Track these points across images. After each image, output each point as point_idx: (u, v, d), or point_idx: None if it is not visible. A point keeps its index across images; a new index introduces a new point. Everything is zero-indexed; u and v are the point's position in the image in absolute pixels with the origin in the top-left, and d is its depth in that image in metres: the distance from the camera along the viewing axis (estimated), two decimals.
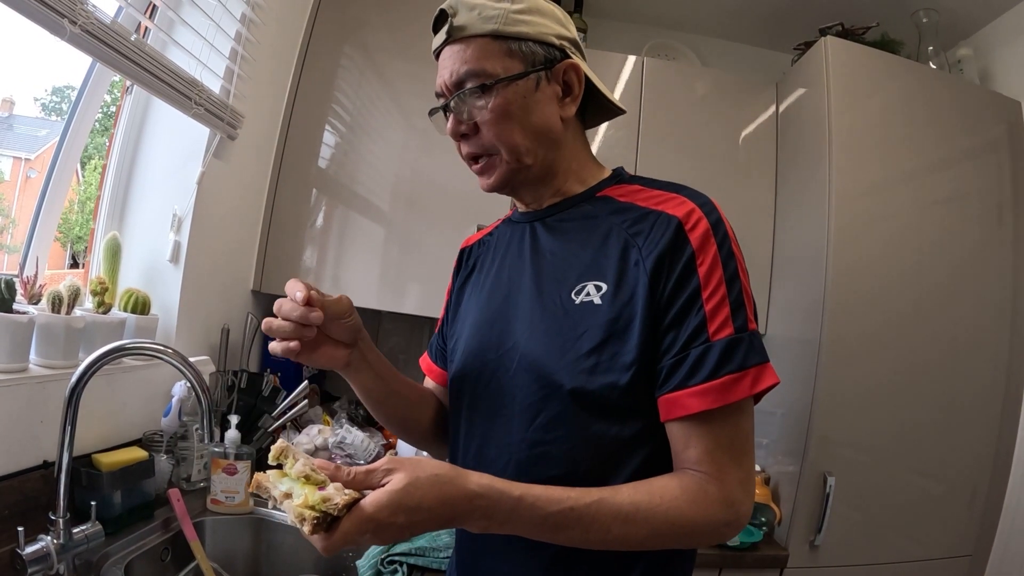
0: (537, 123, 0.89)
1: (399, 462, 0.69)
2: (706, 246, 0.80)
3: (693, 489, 0.76)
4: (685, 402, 0.77)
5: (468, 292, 1.08)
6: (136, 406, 1.56)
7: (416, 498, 0.66)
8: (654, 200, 0.87)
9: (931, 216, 2.01)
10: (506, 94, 0.86)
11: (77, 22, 1.18)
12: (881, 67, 2.05)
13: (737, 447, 0.79)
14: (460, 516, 0.69)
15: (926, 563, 1.97)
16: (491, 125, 0.88)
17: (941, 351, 1.99)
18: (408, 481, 0.66)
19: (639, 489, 0.75)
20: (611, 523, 0.73)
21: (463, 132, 0.91)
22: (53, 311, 1.31)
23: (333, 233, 2.14)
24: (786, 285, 2.14)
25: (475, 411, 0.94)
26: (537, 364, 0.85)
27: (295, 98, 2.15)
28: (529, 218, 0.99)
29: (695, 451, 0.77)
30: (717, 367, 0.76)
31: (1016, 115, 2.17)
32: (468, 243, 1.16)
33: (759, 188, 2.25)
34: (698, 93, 2.30)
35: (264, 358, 2.20)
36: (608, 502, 0.73)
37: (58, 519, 1.10)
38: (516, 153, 0.89)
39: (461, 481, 0.70)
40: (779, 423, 2.02)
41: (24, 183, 1.72)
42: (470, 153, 0.93)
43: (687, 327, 0.78)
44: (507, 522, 0.71)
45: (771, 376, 0.78)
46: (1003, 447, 2.07)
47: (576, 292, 0.86)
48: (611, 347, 0.81)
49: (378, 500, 0.65)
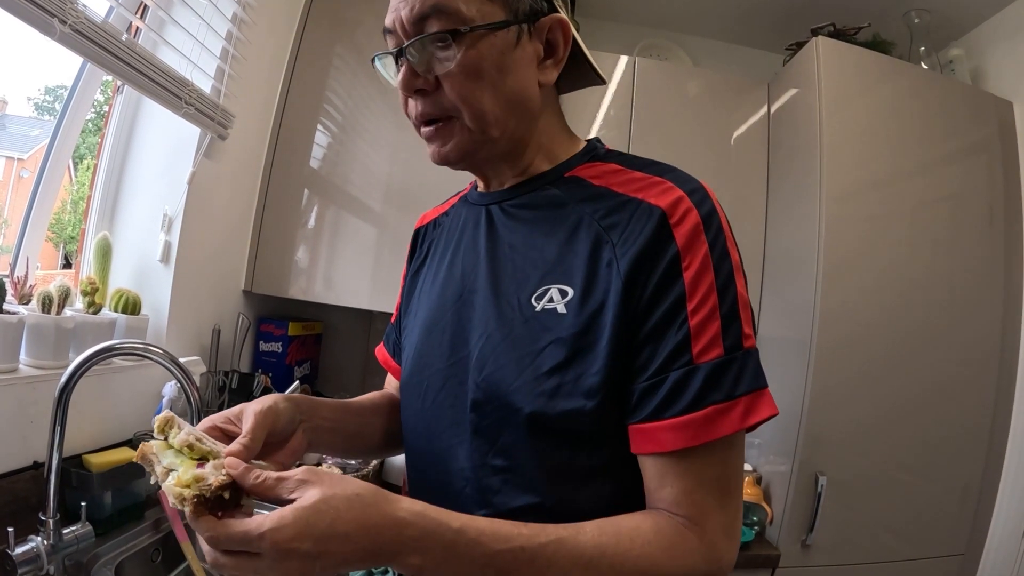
0: (512, 88, 0.73)
1: (317, 475, 0.58)
2: (695, 244, 0.66)
3: (668, 534, 0.63)
4: (659, 436, 0.64)
5: (420, 282, 0.94)
6: (126, 406, 1.55)
7: (328, 520, 0.54)
8: (634, 185, 0.73)
9: (922, 216, 2.02)
10: (480, 47, 0.70)
11: (67, 21, 1.18)
12: (873, 67, 2.05)
13: (722, 487, 0.66)
14: (385, 550, 0.57)
15: (918, 562, 1.98)
16: (457, 83, 0.71)
17: (933, 352, 1.99)
18: (321, 498, 0.55)
19: (605, 530, 0.63)
20: (570, 569, 0.60)
21: (419, 87, 0.73)
22: (43, 311, 1.30)
23: (325, 233, 2.14)
24: (777, 285, 2.15)
25: (425, 426, 0.81)
26: (492, 381, 0.72)
27: (287, 98, 2.14)
28: (486, 200, 0.85)
29: (671, 491, 0.65)
30: (700, 395, 0.63)
31: (1007, 115, 2.18)
32: (423, 222, 1.03)
33: (751, 188, 2.25)
34: (690, 93, 2.30)
35: (255, 358, 2.20)
36: (568, 543, 0.61)
37: (48, 520, 1.09)
38: (482, 121, 0.73)
39: (387, 506, 0.58)
40: (771, 423, 2.01)
41: (17, 183, 1.71)
42: (424, 114, 0.75)
43: (666, 344, 0.65)
44: (444, 561, 0.58)
45: (768, 406, 0.66)
46: (995, 446, 2.08)
47: (537, 297, 0.72)
48: (576, 367, 0.68)
49: (281, 517, 0.54)
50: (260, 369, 2.12)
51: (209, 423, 0.70)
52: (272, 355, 2.17)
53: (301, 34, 2.17)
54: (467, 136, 0.74)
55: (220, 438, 0.67)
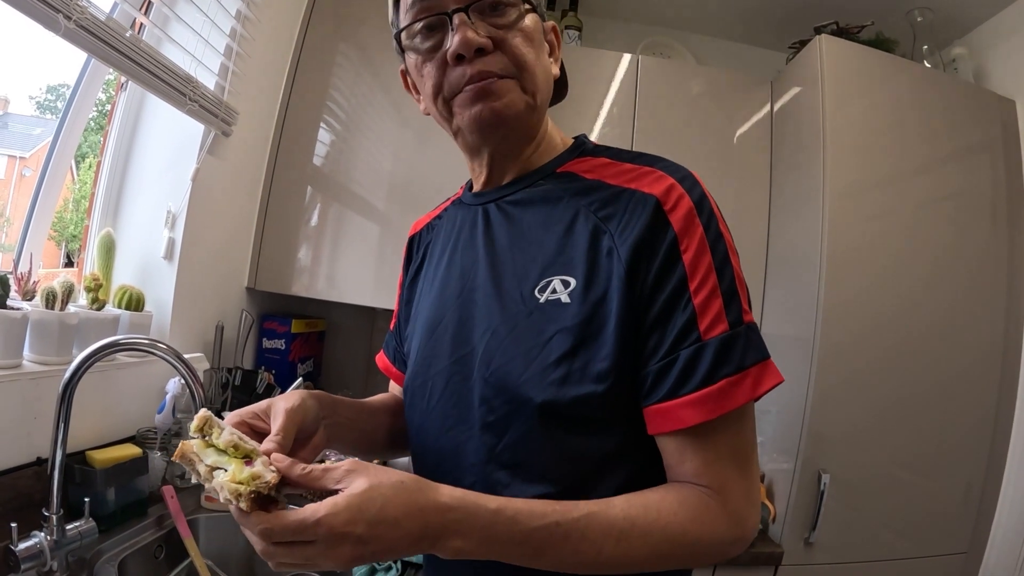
0: (545, 66, 0.79)
1: (362, 466, 0.60)
2: (690, 228, 0.69)
3: (693, 503, 0.66)
4: (678, 414, 0.66)
5: (420, 287, 0.96)
6: (130, 403, 1.55)
7: (378, 505, 0.57)
8: (626, 176, 0.76)
9: (925, 214, 2.02)
10: (533, 20, 0.77)
11: (72, 17, 1.18)
12: (876, 66, 2.05)
13: (739, 456, 0.69)
14: (430, 534, 0.60)
15: (921, 560, 1.98)
16: (520, 45, 0.75)
17: (935, 349, 1.99)
18: (370, 485, 0.58)
19: (633, 503, 0.66)
20: (603, 541, 0.63)
21: (479, 46, 0.73)
22: (47, 307, 1.30)
23: (328, 230, 2.14)
24: (780, 283, 2.15)
25: (432, 425, 0.82)
26: (500, 375, 0.73)
27: (290, 95, 2.14)
28: (482, 200, 0.87)
29: (692, 464, 0.68)
30: (712, 370, 0.66)
31: (1010, 114, 2.18)
32: (416, 229, 1.04)
33: (754, 186, 2.25)
34: (693, 91, 2.30)
35: (258, 355, 2.20)
36: (599, 517, 0.63)
37: (51, 516, 1.09)
38: (534, 85, 0.77)
39: (430, 491, 0.61)
40: (774, 421, 2.02)
41: (19, 181, 1.72)
42: (484, 72, 0.74)
43: (674, 325, 0.67)
44: (484, 541, 0.61)
45: (774, 374, 0.69)
46: (998, 443, 2.08)
47: (540, 289, 0.74)
48: (584, 354, 0.69)
49: (335, 504, 0.56)
50: (263, 366, 2.12)
51: (236, 418, 0.71)
52: (275, 352, 2.17)
53: (304, 32, 2.17)
54: (519, 97, 0.76)
55: (248, 434, 0.68)
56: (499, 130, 0.79)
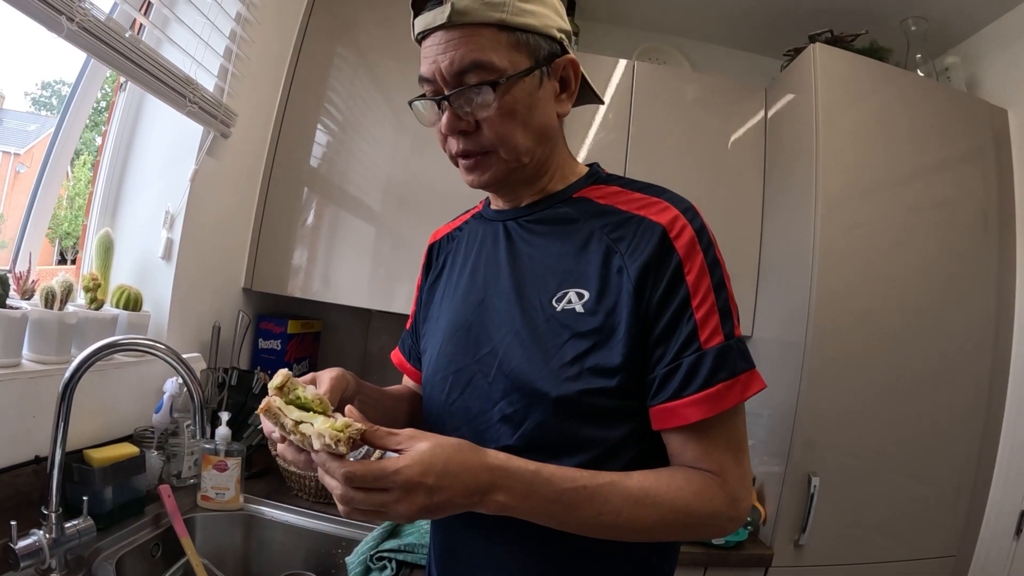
0: (538, 122, 0.85)
1: (420, 433, 0.70)
2: (692, 254, 0.79)
3: (698, 481, 0.76)
4: (683, 412, 0.76)
5: (440, 291, 1.04)
6: (128, 402, 1.56)
7: (443, 460, 0.66)
8: (636, 204, 0.85)
9: (917, 222, 2.04)
10: (514, 92, 0.81)
11: (75, 19, 1.19)
12: (869, 74, 2.07)
13: (734, 447, 0.79)
14: (480, 488, 0.69)
15: (910, 563, 2.00)
16: (495, 124, 0.82)
17: (925, 355, 2.01)
18: (434, 443, 0.67)
19: (647, 476, 0.76)
20: (622, 505, 0.73)
21: (461, 129, 0.84)
22: (46, 307, 1.31)
23: (324, 231, 2.15)
24: (772, 288, 2.17)
25: (452, 417, 0.91)
26: (518, 372, 0.83)
27: (288, 97, 2.15)
28: (503, 216, 0.96)
29: (694, 452, 0.78)
30: (711, 375, 0.76)
31: (1002, 123, 2.21)
32: (436, 237, 1.12)
33: (747, 192, 2.27)
34: (688, 97, 2.32)
35: (254, 355, 2.20)
36: (619, 485, 0.74)
37: (50, 514, 1.10)
38: (516, 153, 0.85)
39: (480, 452, 0.71)
40: (765, 424, 2.04)
41: (13, 178, 1.71)
42: (466, 151, 0.85)
43: (679, 336, 0.78)
44: (525, 498, 0.71)
45: (759, 381, 0.79)
46: (987, 448, 2.10)
47: (557, 299, 0.84)
48: (596, 355, 0.79)
49: (410, 457, 0.66)
50: (259, 366, 2.13)
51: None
52: (271, 352, 2.17)
53: (303, 33, 2.18)
54: (502, 166, 0.86)
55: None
56: (496, 189, 0.93)
